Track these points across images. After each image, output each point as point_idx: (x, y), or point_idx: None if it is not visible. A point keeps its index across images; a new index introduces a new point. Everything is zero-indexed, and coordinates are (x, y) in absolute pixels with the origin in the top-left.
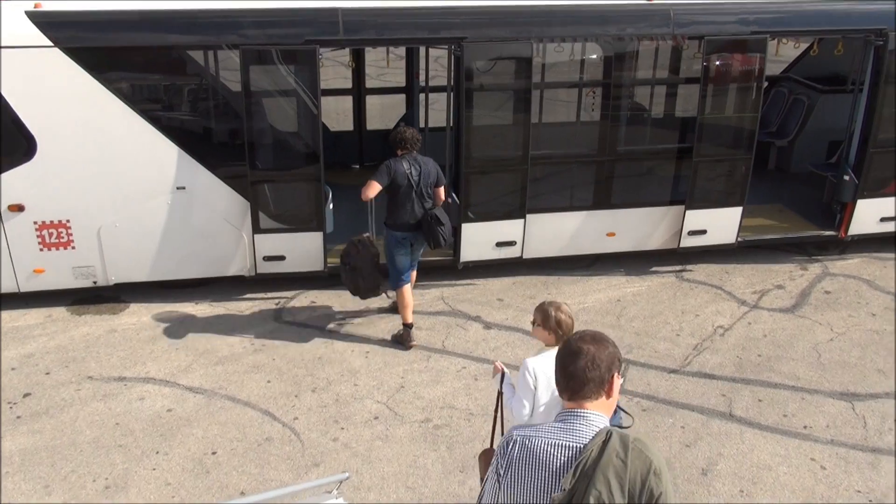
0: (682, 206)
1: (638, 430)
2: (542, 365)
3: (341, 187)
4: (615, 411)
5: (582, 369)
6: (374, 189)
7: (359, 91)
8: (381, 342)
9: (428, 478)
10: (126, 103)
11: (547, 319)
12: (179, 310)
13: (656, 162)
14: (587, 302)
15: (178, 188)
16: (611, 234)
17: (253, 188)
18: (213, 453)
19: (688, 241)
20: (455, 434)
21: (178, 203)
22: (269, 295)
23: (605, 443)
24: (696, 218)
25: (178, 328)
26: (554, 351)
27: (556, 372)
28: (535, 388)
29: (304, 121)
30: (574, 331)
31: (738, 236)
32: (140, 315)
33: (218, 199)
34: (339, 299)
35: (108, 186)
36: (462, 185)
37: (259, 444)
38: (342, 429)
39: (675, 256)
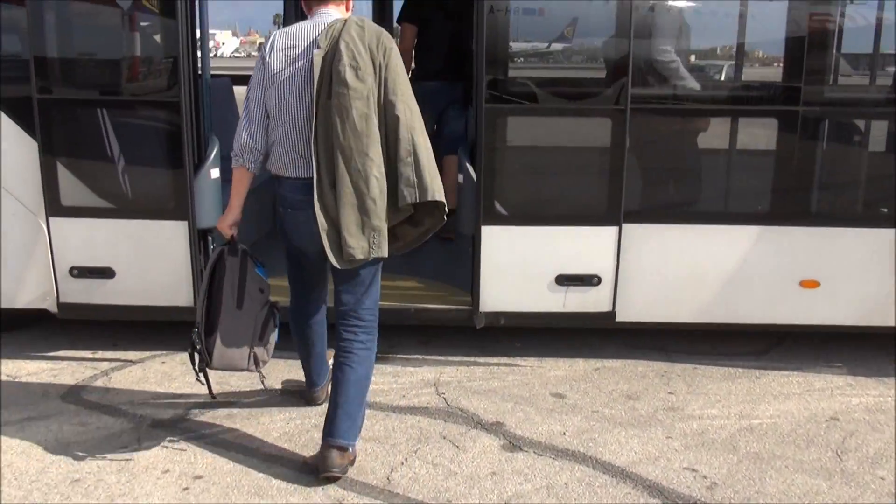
0: None
1: None
2: None
3: None
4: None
5: None
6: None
7: None
8: (250, 453)
9: None
10: None
11: None
12: None
13: None
14: (759, 415)
15: None
16: (810, 284)
17: (44, 120)
18: None
19: None
20: None
21: None
22: (101, 355)
23: (346, 21)
24: None
25: None
26: None
27: None
28: None
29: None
30: None
31: None
32: None
33: None
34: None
35: None
36: (480, 146)
37: None
38: None
39: None
